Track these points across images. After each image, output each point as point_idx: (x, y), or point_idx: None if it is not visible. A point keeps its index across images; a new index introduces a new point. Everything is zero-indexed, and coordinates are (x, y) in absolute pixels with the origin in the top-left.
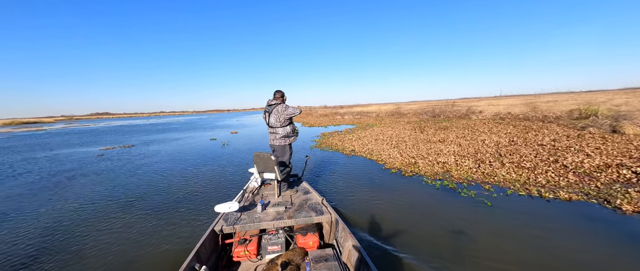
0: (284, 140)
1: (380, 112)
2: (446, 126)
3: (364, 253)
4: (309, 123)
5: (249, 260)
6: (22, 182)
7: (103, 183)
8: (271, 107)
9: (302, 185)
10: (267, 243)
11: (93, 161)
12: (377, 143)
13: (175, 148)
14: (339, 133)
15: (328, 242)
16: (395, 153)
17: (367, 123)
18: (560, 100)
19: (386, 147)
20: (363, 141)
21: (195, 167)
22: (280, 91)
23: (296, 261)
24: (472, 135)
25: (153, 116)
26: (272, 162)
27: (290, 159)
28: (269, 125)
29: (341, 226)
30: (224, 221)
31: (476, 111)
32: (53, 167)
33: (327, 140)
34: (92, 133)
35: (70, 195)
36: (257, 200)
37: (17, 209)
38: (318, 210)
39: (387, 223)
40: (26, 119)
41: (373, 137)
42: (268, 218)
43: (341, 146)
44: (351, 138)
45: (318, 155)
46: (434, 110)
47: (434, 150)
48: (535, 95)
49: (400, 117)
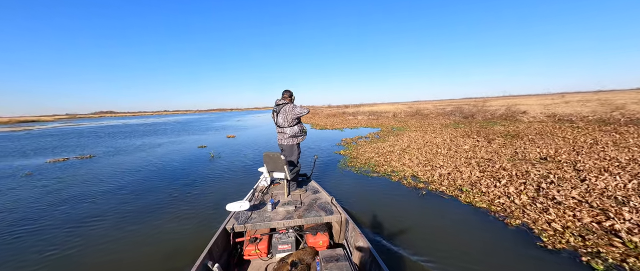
0: (292, 140)
1: (397, 112)
2: (511, 132)
3: (376, 254)
4: (319, 125)
5: (260, 258)
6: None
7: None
8: (279, 107)
9: (311, 184)
10: (278, 242)
11: (4, 185)
12: (436, 159)
13: (144, 162)
14: (366, 141)
15: (338, 242)
16: (495, 188)
17: (391, 125)
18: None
19: (466, 170)
20: (412, 155)
21: (147, 209)
22: (289, 91)
23: (306, 260)
24: (587, 150)
25: (156, 115)
26: (281, 162)
27: (298, 158)
28: (277, 124)
29: (351, 226)
30: (235, 220)
31: (518, 111)
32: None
33: (358, 152)
34: (69, 136)
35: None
36: (267, 199)
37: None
38: (328, 209)
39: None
40: (25, 118)
41: (420, 149)
42: (278, 217)
43: (386, 165)
44: (391, 150)
45: (358, 185)
46: (462, 109)
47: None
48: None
49: (423, 118)
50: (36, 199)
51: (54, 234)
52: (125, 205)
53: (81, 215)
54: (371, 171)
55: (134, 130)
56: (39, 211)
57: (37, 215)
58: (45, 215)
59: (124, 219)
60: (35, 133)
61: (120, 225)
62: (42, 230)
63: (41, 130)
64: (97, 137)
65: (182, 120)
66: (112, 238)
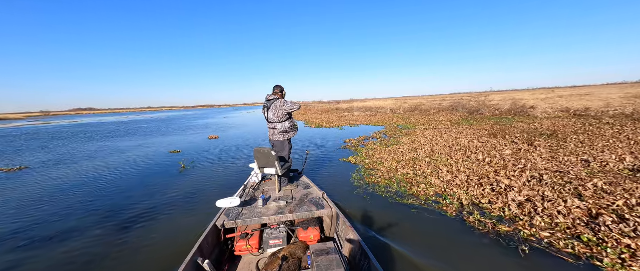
0: (283, 136)
1: (395, 108)
2: (544, 131)
3: (365, 246)
4: (315, 123)
5: (251, 254)
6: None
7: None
8: (270, 103)
9: (303, 179)
10: (269, 237)
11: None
12: (485, 171)
13: (86, 178)
14: (375, 143)
15: (329, 236)
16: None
17: (395, 123)
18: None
19: (550, 194)
20: (448, 166)
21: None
22: (280, 86)
23: (298, 254)
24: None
25: (138, 112)
26: (273, 158)
27: (289, 154)
28: (268, 120)
29: (342, 220)
30: (226, 216)
31: (526, 106)
32: None
33: (371, 159)
34: (18, 139)
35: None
36: (258, 195)
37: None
38: (319, 204)
39: None
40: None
41: (451, 154)
42: (269, 213)
43: (422, 182)
44: (414, 156)
45: (397, 224)
46: (464, 105)
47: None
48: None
49: (424, 114)
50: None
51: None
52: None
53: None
54: (404, 192)
55: (103, 130)
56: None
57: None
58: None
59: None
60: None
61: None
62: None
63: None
64: (52, 139)
65: (164, 118)
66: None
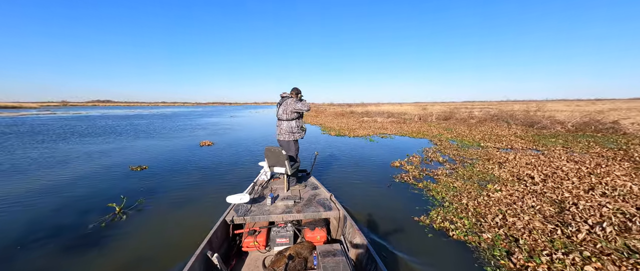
0: (288, 136)
1: (424, 115)
2: None
3: (372, 250)
4: (333, 129)
5: (258, 250)
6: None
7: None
8: (283, 99)
9: (311, 180)
10: (276, 235)
11: None
12: None
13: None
14: (446, 172)
15: (335, 238)
16: None
17: (439, 135)
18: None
19: None
20: None
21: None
22: (296, 88)
23: (304, 254)
24: None
25: (152, 106)
26: (283, 157)
27: (297, 154)
28: (277, 117)
29: (349, 222)
30: (235, 212)
31: (606, 121)
32: None
33: (468, 217)
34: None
35: None
36: (267, 193)
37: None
38: (326, 205)
39: None
40: (9, 104)
41: (603, 207)
42: (277, 211)
43: None
44: (558, 209)
45: None
46: (512, 115)
47: None
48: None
49: (463, 123)
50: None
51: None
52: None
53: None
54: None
55: (100, 125)
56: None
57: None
58: None
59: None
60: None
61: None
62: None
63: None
64: (34, 133)
65: (169, 114)
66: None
